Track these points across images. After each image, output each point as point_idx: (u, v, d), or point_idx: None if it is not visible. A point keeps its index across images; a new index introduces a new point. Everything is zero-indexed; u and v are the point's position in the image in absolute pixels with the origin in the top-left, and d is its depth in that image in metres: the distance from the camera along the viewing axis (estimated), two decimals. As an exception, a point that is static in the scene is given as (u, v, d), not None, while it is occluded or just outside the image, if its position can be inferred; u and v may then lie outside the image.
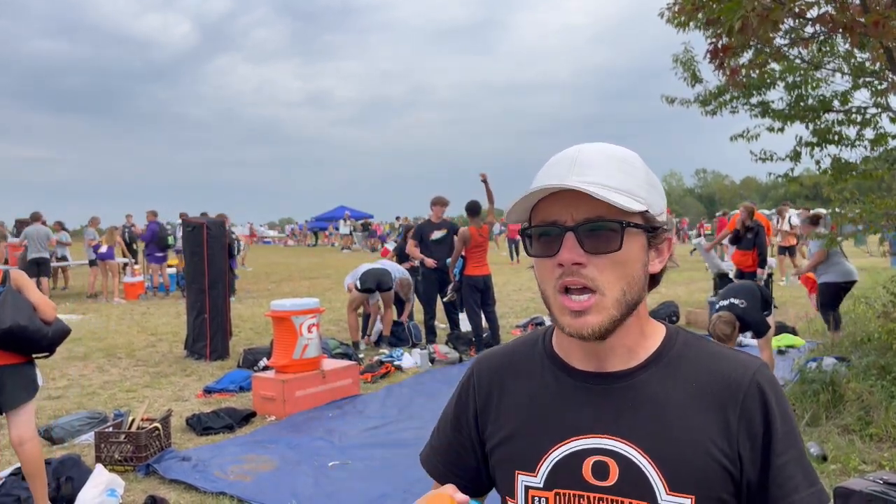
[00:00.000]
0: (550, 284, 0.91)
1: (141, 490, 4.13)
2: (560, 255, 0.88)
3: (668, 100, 6.72)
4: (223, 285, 8.21)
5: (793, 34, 5.41)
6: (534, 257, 0.93)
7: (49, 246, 13.06)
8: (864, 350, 5.70)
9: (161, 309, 12.56)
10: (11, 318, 3.34)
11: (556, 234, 0.89)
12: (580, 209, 0.88)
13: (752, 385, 0.92)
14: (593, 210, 0.88)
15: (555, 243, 0.89)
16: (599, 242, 0.88)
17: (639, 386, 0.94)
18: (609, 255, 0.88)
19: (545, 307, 0.95)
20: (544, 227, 0.91)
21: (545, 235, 0.91)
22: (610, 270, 0.89)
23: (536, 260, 0.93)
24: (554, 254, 0.89)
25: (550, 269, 0.90)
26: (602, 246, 0.88)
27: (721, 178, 79.79)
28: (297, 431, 5.23)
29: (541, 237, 0.92)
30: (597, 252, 0.88)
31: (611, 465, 0.90)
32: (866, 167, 5.78)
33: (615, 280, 0.89)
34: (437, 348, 7.86)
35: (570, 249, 0.88)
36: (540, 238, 0.92)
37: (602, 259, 0.88)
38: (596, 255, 0.88)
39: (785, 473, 0.89)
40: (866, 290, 8.89)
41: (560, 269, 0.89)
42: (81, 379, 7.10)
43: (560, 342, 1.01)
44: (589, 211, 0.88)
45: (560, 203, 0.89)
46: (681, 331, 1.01)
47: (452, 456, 1.08)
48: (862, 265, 16.28)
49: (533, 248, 0.93)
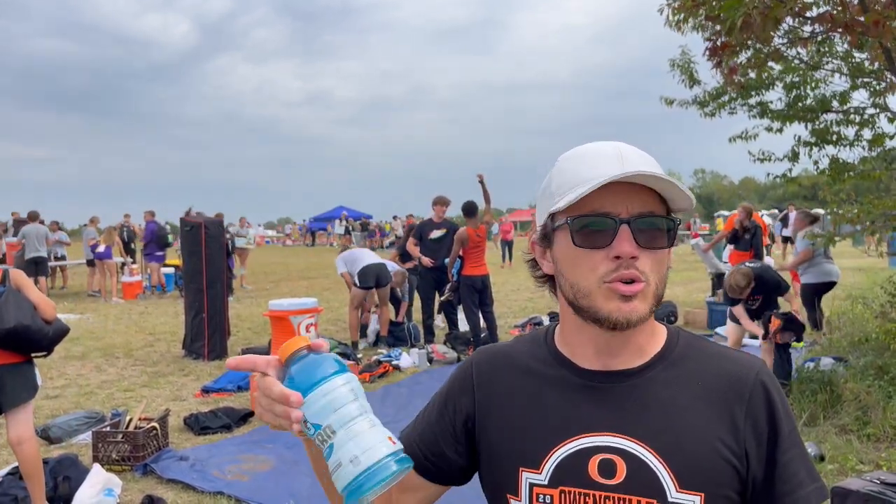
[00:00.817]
0: (596, 276, 0.89)
1: (138, 490, 4.12)
2: (618, 246, 0.87)
3: (667, 101, 6.73)
4: (221, 285, 8.20)
5: (791, 34, 5.41)
6: (579, 248, 0.90)
7: (46, 245, 13.05)
8: (861, 350, 5.72)
9: (159, 308, 12.55)
10: (14, 317, 3.35)
11: (609, 225, 0.88)
12: (634, 202, 0.88)
13: (757, 384, 0.93)
14: (646, 205, 0.89)
15: (606, 235, 0.88)
16: (651, 237, 0.89)
17: (645, 384, 0.94)
18: (657, 251, 0.90)
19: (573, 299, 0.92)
20: (595, 217, 0.89)
21: (595, 227, 0.89)
22: (654, 265, 0.90)
23: (578, 251, 0.90)
24: (605, 245, 0.88)
25: (599, 262, 0.89)
26: (653, 241, 0.89)
27: (719, 178, 79.89)
28: (295, 431, 5.23)
29: (587, 227, 0.89)
30: (648, 246, 0.89)
31: (618, 463, 0.90)
32: (864, 167, 5.79)
33: (657, 273, 0.91)
34: (436, 348, 7.86)
35: (628, 241, 0.87)
36: (586, 229, 0.90)
37: (650, 254, 0.89)
38: (647, 250, 0.89)
39: (790, 470, 0.91)
40: (864, 291, 8.90)
41: (614, 263, 0.88)
42: (79, 378, 7.09)
43: (566, 340, 1.00)
44: (642, 205, 0.89)
45: (612, 195, 0.88)
46: (681, 331, 1.01)
47: (428, 437, 1.06)
48: (860, 265, 16.31)
49: (577, 239, 0.90)
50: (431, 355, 7.67)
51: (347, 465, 0.80)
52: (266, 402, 0.84)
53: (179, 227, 8.84)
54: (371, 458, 0.80)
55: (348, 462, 0.80)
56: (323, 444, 0.82)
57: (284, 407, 0.82)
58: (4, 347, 3.40)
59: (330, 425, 0.82)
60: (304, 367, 0.84)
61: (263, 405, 0.84)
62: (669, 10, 5.20)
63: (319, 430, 0.82)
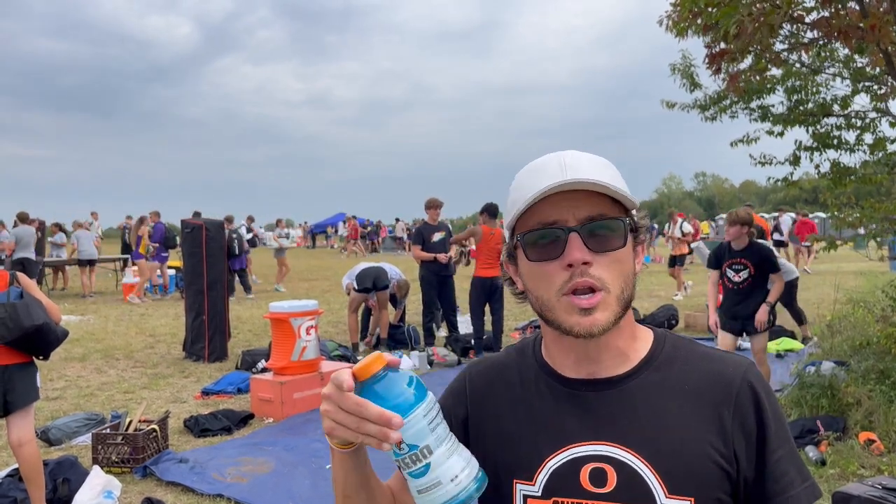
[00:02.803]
0: (554, 288, 0.89)
1: (138, 492, 4.12)
2: (568, 255, 0.87)
3: (668, 104, 6.72)
4: (222, 287, 8.21)
5: (792, 39, 5.41)
6: (532, 262, 0.91)
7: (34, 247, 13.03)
8: (862, 354, 5.70)
9: (160, 310, 12.55)
10: (39, 315, 3.43)
11: (558, 234, 0.88)
12: (581, 208, 0.88)
13: (744, 384, 0.93)
14: (594, 208, 0.88)
15: (557, 245, 0.88)
16: (603, 240, 0.88)
17: (632, 391, 0.94)
18: (613, 253, 0.89)
19: (540, 313, 0.93)
20: (543, 229, 0.89)
21: (545, 238, 0.89)
22: (613, 268, 0.89)
23: (534, 265, 0.91)
24: (557, 256, 0.88)
25: (554, 273, 0.89)
26: (606, 244, 0.89)
27: (721, 181, 79.92)
28: (294, 433, 5.23)
29: (539, 241, 0.90)
30: (602, 250, 0.88)
31: (609, 472, 0.90)
32: (866, 171, 5.78)
33: (617, 277, 0.89)
34: (436, 351, 7.85)
35: (578, 249, 0.87)
36: (538, 242, 0.90)
37: (605, 257, 0.89)
38: (600, 254, 0.88)
39: (780, 469, 0.91)
40: (865, 295, 8.90)
41: (568, 272, 0.88)
42: (79, 380, 7.09)
43: (549, 351, 1.00)
44: (590, 209, 0.88)
45: (557, 204, 0.88)
46: (668, 334, 1.01)
47: None
48: (861, 269, 16.30)
49: (530, 253, 0.91)
50: (432, 358, 7.66)
51: (448, 483, 0.83)
52: (353, 421, 0.82)
53: (181, 229, 8.84)
54: (471, 475, 0.84)
55: (449, 481, 0.83)
56: (415, 463, 0.83)
57: (381, 428, 0.81)
58: (21, 346, 3.44)
59: (428, 445, 0.83)
60: (393, 386, 0.84)
61: (349, 424, 0.82)
62: (669, 20, 5.21)
63: (416, 450, 0.83)
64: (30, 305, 3.43)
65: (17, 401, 3.50)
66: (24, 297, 3.48)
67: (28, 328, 3.37)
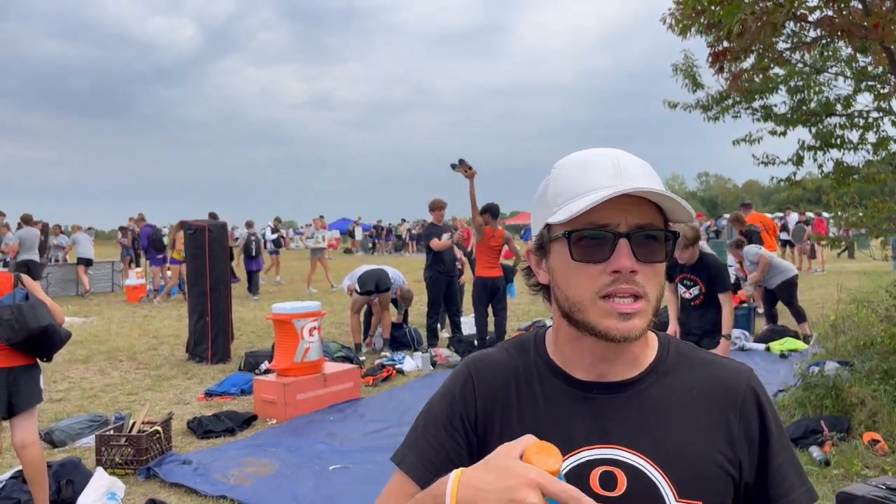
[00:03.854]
0: (592, 290, 0.88)
1: (141, 493, 4.13)
2: (616, 261, 0.86)
3: (671, 105, 6.71)
4: (225, 288, 8.21)
5: (795, 38, 5.40)
6: (577, 262, 0.89)
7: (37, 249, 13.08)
8: (866, 354, 5.68)
9: (163, 312, 12.57)
10: (45, 317, 3.44)
11: (608, 238, 0.87)
12: (633, 214, 0.87)
13: (749, 390, 0.95)
14: (644, 217, 0.88)
15: (604, 248, 0.87)
16: (650, 251, 0.88)
17: (641, 395, 0.94)
18: (656, 265, 0.89)
19: (568, 312, 0.91)
20: (594, 230, 0.87)
21: (593, 239, 0.88)
22: (653, 279, 0.89)
23: (575, 265, 0.89)
24: (603, 259, 0.87)
25: (596, 275, 0.88)
26: (651, 255, 0.88)
27: (723, 181, 79.75)
28: (298, 435, 5.23)
29: (585, 240, 0.88)
30: (648, 260, 0.88)
31: (619, 476, 0.90)
32: (869, 171, 5.76)
33: (655, 288, 0.90)
34: (439, 352, 7.85)
35: (627, 256, 0.86)
36: (583, 241, 0.88)
37: (650, 268, 0.89)
38: (645, 264, 0.88)
39: (781, 474, 0.93)
40: (869, 294, 8.87)
41: (612, 276, 0.87)
42: (83, 382, 7.10)
43: (560, 351, 0.99)
44: (641, 217, 0.88)
45: (610, 208, 0.87)
46: (670, 339, 1.02)
47: (443, 461, 0.97)
48: (864, 269, 16.26)
49: (575, 252, 0.89)
50: (435, 359, 7.66)
51: None
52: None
53: (183, 231, 8.85)
54: None
55: None
56: None
57: None
58: (26, 348, 3.46)
59: None
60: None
61: None
62: (672, 18, 5.21)
63: None
64: (35, 307, 3.44)
65: (22, 403, 3.51)
66: (30, 298, 3.49)
67: (34, 330, 3.38)
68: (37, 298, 3.52)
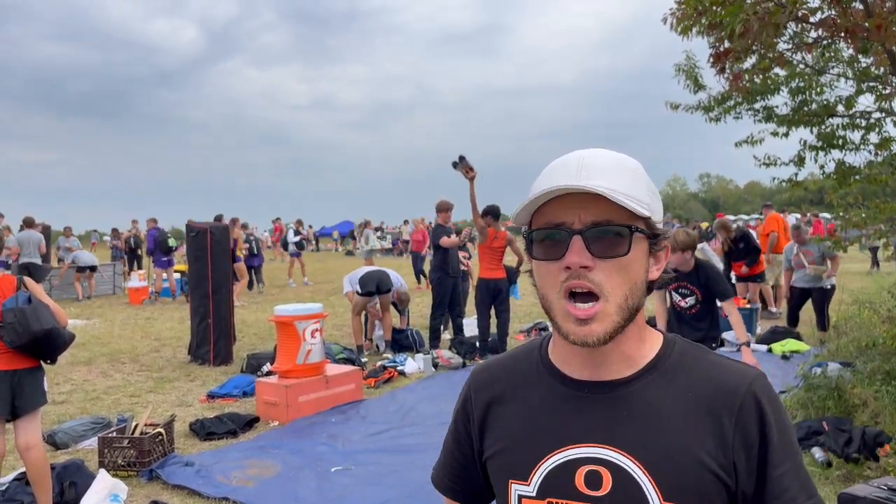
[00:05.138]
0: (554, 288, 0.90)
1: (144, 495, 4.13)
2: (567, 258, 0.87)
3: (672, 106, 6.72)
4: (227, 290, 8.22)
5: (796, 39, 5.40)
6: (537, 261, 0.92)
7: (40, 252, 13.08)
8: (868, 355, 5.67)
9: (165, 314, 12.58)
10: (48, 319, 3.46)
11: (562, 236, 0.88)
12: (588, 212, 0.88)
13: (749, 395, 0.91)
14: (601, 213, 0.88)
15: (560, 246, 0.89)
16: (607, 246, 0.88)
17: (634, 395, 0.93)
18: (616, 260, 0.88)
19: (546, 310, 0.94)
20: (550, 229, 0.90)
21: (550, 238, 0.90)
22: (616, 275, 0.88)
23: (539, 263, 0.92)
24: (559, 257, 0.88)
25: (555, 273, 0.89)
26: (609, 250, 0.88)
27: (725, 182, 79.72)
28: (300, 436, 5.23)
29: (545, 240, 0.91)
30: (604, 256, 0.88)
31: (604, 475, 0.90)
32: (871, 172, 5.76)
33: (619, 285, 0.89)
34: (441, 353, 7.85)
35: (577, 252, 0.87)
36: (544, 241, 0.91)
37: (608, 263, 0.88)
38: (603, 259, 0.88)
39: (781, 485, 0.88)
40: (871, 295, 8.86)
41: (566, 273, 0.88)
42: (85, 384, 7.12)
43: (557, 351, 1.00)
44: (597, 214, 0.88)
45: (566, 206, 0.88)
46: (678, 340, 1.00)
47: (457, 469, 1.10)
48: (867, 270, 16.22)
49: (536, 251, 0.92)
50: (437, 360, 7.66)
51: None
52: None
53: (185, 233, 8.87)
54: None
55: None
56: None
57: None
58: (29, 350, 3.47)
59: None
60: None
61: None
62: (673, 18, 5.21)
63: None
64: (38, 310, 3.45)
65: (25, 405, 3.52)
66: (32, 301, 3.50)
67: (37, 332, 3.39)
68: (39, 301, 3.53)
